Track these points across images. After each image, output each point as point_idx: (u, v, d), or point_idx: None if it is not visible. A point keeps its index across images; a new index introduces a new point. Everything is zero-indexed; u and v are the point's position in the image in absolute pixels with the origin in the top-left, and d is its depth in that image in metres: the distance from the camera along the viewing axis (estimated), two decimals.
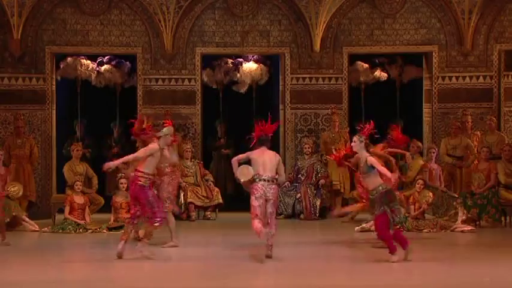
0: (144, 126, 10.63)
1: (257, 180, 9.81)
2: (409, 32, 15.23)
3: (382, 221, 9.53)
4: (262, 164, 9.88)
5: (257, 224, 9.75)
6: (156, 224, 9.85)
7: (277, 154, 10.19)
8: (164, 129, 10.07)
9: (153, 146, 9.99)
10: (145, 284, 8.58)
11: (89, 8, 15.06)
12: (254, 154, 9.94)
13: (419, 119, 15.48)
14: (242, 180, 9.88)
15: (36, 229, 12.81)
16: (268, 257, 9.72)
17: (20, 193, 13.18)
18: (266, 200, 9.83)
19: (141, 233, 10.30)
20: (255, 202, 9.83)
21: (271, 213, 9.93)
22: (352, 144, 9.91)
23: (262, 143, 10.02)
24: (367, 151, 9.88)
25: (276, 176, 9.96)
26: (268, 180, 9.81)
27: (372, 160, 9.70)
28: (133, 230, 10.24)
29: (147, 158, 9.89)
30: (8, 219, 12.36)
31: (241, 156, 9.97)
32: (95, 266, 9.80)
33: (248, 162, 9.97)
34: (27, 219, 12.98)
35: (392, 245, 9.53)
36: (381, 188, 9.60)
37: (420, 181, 12.75)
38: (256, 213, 9.79)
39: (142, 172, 9.87)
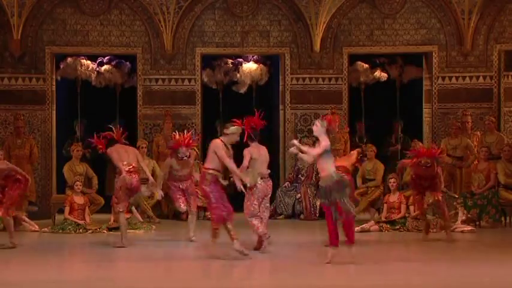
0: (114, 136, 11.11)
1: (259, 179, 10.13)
2: (409, 32, 15.23)
3: (328, 212, 9.42)
4: (261, 162, 10.22)
5: (258, 224, 10.19)
6: (214, 222, 9.87)
7: (264, 148, 10.53)
8: (232, 128, 10.09)
9: (215, 142, 9.97)
10: (145, 285, 8.57)
11: (89, 8, 15.07)
12: (253, 154, 10.14)
13: (419, 119, 15.48)
14: (254, 183, 10.15)
15: (36, 229, 12.80)
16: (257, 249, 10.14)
17: None
18: (265, 196, 10.30)
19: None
20: (255, 202, 10.12)
21: (268, 208, 10.43)
22: (314, 127, 9.61)
23: (254, 138, 10.31)
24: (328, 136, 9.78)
25: (269, 171, 10.37)
26: (265, 178, 10.22)
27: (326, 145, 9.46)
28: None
29: (211, 155, 9.90)
30: None
31: (247, 162, 10.10)
32: (94, 266, 9.80)
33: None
34: (27, 219, 12.97)
35: (334, 239, 9.37)
36: (334, 176, 9.41)
37: None
38: (257, 213, 10.16)
39: (207, 169, 9.90)
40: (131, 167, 10.96)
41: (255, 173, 10.13)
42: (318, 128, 9.52)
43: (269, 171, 10.37)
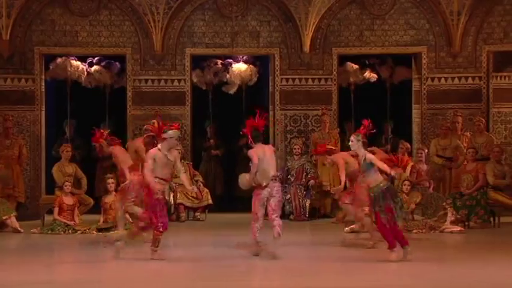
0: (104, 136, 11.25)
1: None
2: (398, 33, 15.27)
3: (380, 218, 9.60)
4: (267, 162, 10.09)
5: (255, 230, 10.04)
6: (159, 230, 9.87)
7: (271, 146, 10.58)
8: (169, 132, 10.00)
9: (152, 151, 10.00)
10: (135, 286, 8.56)
11: (78, 8, 15.03)
12: (259, 154, 10.08)
13: (409, 120, 15.51)
14: (244, 188, 10.17)
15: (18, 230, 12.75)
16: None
17: None
18: (270, 197, 10.05)
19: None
20: (257, 203, 10.05)
21: (275, 210, 10.14)
22: (350, 144, 9.96)
23: (257, 139, 10.20)
24: (365, 149, 9.94)
25: (278, 173, 10.29)
26: (271, 179, 10.05)
27: (371, 157, 9.74)
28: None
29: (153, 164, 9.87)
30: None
31: (256, 160, 10.00)
32: (84, 267, 9.78)
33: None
34: (13, 219, 12.90)
35: (392, 241, 9.63)
36: (382, 185, 9.65)
37: (406, 182, 12.77)
38: (258, 216, 10.03)
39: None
40: None
41: (244, 178, 10.07)
42: (354, 143, 9.80)
43: (277, 173, 10.25)
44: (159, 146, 9.99)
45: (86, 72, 15.64)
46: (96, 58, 15.67)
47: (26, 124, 14.85)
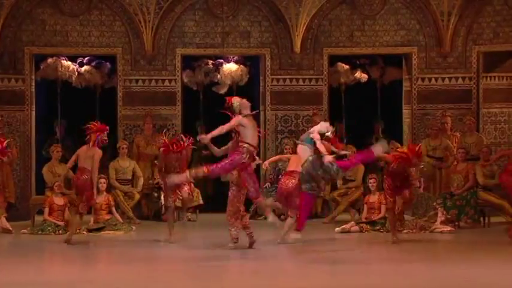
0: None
1: None
2: (388, 34, 15.31)
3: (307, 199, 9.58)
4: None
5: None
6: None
7: None
8: (234, 103, 10.02)
9: (236, 118, 9.91)
10: (126, 286, 8.55)
11: (68, 8, 15.01)
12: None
13: (399, 120, 15.55)
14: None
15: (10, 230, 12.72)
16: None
17: None
18: None
19: None
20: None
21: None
22: (318, 126, 9.94)
23: None
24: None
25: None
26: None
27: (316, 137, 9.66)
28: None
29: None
30: None
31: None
32: (74, 267, 9.76)
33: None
34: (3, 220, 12.87)
35: (302, 223, 9.68)
36: (311, 158, 9.53)
37: None
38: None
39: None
40: None
41: None
42: (319, 126, 9.66)
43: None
44: (240, 115, 9.79)
45: (76, 73, 15.62)
46: (86, 58, 15.65)
47: (16, 124, 14.81)
